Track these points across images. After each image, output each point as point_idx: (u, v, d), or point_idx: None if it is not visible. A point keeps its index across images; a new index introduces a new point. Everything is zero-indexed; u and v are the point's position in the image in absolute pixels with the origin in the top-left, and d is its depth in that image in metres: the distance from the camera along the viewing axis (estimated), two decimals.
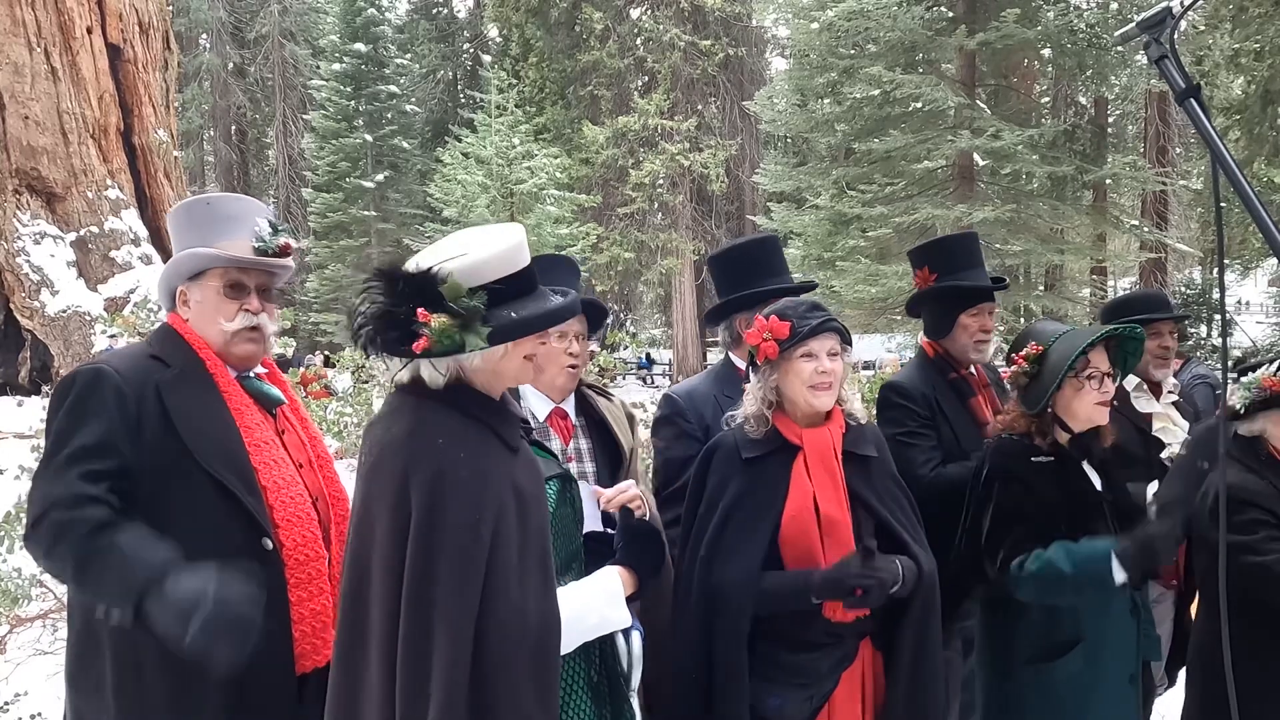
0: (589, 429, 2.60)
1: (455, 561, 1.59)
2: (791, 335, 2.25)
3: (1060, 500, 2.49)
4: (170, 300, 2.24)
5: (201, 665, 1.86)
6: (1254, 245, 17.69)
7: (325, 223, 29.55)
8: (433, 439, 1.67)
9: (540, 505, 1.73)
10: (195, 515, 1.98)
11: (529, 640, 1.61)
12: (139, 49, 19.37)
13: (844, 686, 2.25)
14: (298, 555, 2.08)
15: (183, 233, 2.21)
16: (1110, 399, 2.52)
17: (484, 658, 1.58)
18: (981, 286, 3.09)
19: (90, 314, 17.02)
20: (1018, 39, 15.17)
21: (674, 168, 26.22)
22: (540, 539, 1.69)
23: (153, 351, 2.12)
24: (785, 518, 2.23)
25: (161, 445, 1.99)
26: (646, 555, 1.86)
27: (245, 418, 2.11)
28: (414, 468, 1.64)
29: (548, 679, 1.63)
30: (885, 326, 19.07)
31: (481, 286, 1.66)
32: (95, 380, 2.00)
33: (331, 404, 11.20)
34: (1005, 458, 2.58)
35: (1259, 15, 11.55)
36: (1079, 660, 2.44)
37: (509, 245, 1.74)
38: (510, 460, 1.74)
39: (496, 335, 1.66)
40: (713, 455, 2.38)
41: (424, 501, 1.62)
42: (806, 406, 2.29)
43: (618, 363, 10.09)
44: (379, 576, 1.65)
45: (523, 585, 1.63)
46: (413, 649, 1.58)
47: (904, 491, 2.43)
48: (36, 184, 17.65)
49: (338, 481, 2.29)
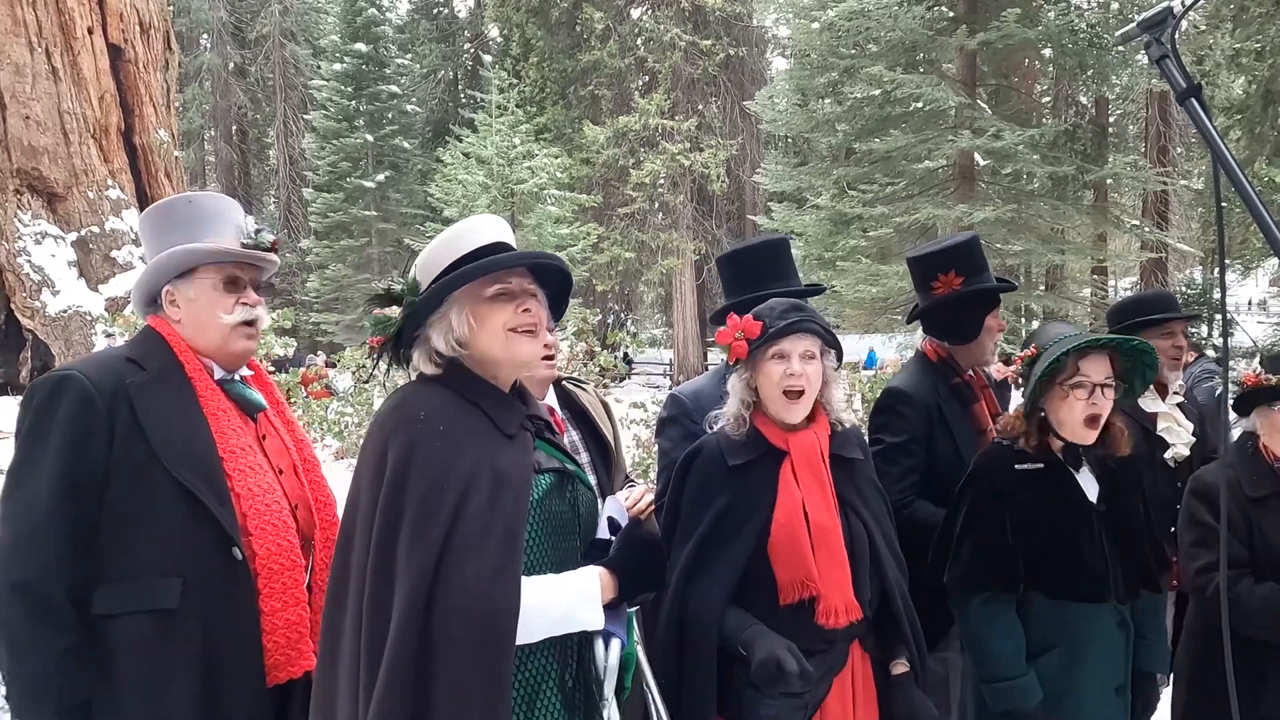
0: (575, 421, 2.63)
1: (412, 525, 1.63)
2: (762, 334, 2.21)
3: (1042, 509, 2.44)
4: (150, 303, 2.18)
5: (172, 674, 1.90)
6: (1255, 245, 17.66)
7: (326, 223, 29.56)
8: (414, 413, 1.74)
9: (520, 492, 1.71)
10: (161, 523, 1.94)
11: (478, 614, 1.59)
12: (140, 49, 19.37)
13: (835, 691, 2.22)
14: (271, 565, 2.03)
15: (163, 232, 2.16)
16: (1100, 412, 2.44)
17: (432, 626, 1.59)
18: (1008, 285, 3.10)
19: (91, 314, 17.03)
20: (1018, 39, 15.16)
21: (674, 168, 26.21)
22: (510, 522, 1.68)
23: (129, 354, 2.08)
24: (775, 525, 2.18)
25: (129, 451, 1.95)
26: (639, 565, 1.83)
27: (222, 423, 2.07)
28: (393, 436, 1.71)
29: (496, 660, 1.60)
30: (885, 326, 19.08)
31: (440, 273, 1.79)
32: (59, 389, 1.96)
33: (332, 404, 11.26)
34: (986, 464, 2.56)
35: (1260, 15, 11.54)
36: (1054, 664, 2.43)
37: (457, 229, 1.84)
38: (499, 443, 1.75)
39: (418, 303, 1.77)
40: (693, 461, 2.32)
41: (395, 467, 1.68)
42: (779, 414, 2.24)
43: (618, 362, 10.08)
44: (359, 541, 1.70)
45: (480, 562, 1.62)
46: (373, 610, 1.63)
47: (881, 494, 2.42)
48: (37, 184, 17.65)
49: (325, 487, 2.25)
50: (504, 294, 1.79)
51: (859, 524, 2.26)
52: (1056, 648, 2.44)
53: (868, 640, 2.30)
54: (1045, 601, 2.45)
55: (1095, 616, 2.44)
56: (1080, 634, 2.44)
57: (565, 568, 1.80)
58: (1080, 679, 2.44)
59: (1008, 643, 2.43)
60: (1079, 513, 2.46)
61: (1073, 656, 2.44)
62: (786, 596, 2.16)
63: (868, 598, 2.24)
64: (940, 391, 2.99)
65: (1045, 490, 2.46)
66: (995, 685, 2.43)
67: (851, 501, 2.28)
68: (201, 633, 1.94)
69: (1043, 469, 2.48)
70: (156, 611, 1.92)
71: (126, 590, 1.93)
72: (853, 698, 2.25)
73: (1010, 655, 2.42)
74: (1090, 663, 2.44)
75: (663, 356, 32.06)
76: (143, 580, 1.93)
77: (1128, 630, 2.49)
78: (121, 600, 1.93)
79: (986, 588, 2.45)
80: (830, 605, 2.15)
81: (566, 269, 1.92)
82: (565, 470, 1.88)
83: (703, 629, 2.17)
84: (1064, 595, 2.43)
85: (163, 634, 1.92)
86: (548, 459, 1.86)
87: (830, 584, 2.16)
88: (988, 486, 2.51)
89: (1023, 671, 2.41)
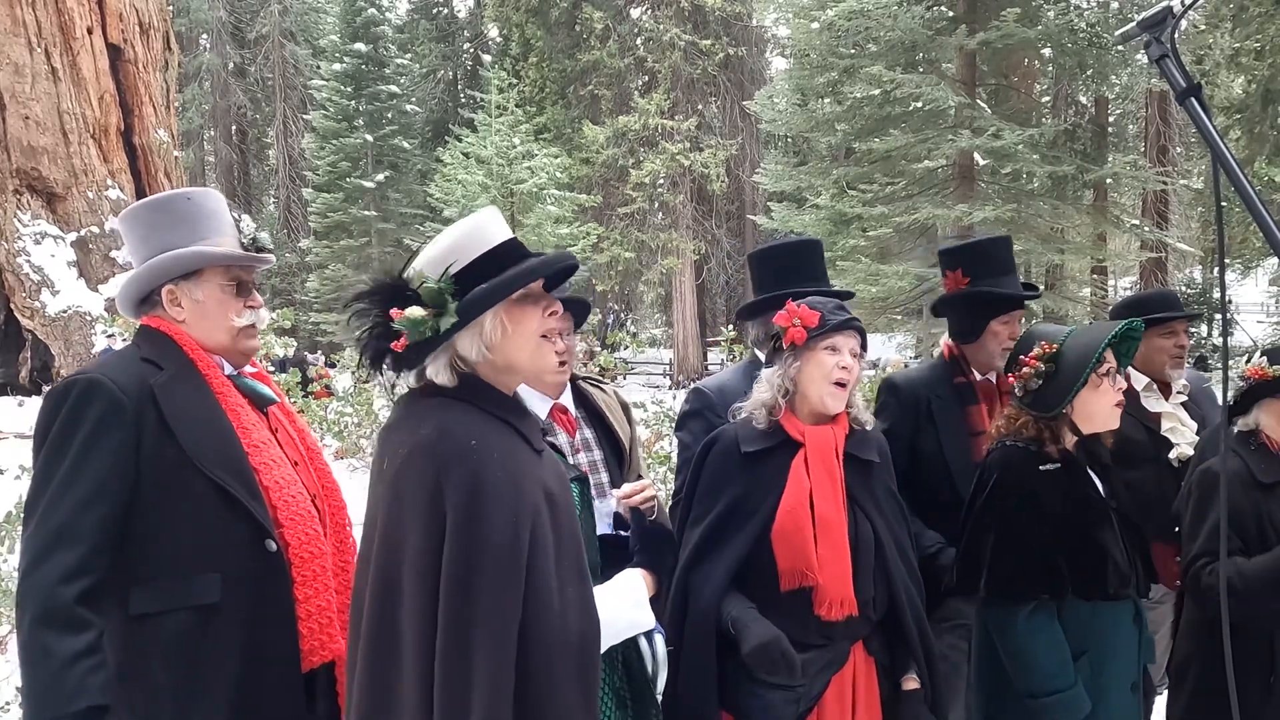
0: (589, 420, 2.62)
1: (495, 572, 1.54)
2: (821, 325, 2.27)
3: (1069, 509, 2.39)
4: (143, 303, 2.16)
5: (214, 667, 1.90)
6: (1254, 244, 17.67)
7: (325, 223, 29.54)
8: (464, 441, 1.61)
9: (570, 508, 1.71)
10: (198, 522, 1.97)
11: (571, 648, 1.58)
12: (139, 49, 19.38)
13: (833, 690, 2.23)
14: (302, 554, 2.07)
15: (161, 229, 2.13)
16: (1122, 399, 2.46)
17: (529, 668, 1.54)
18: (1016, 295, 2.99)
19: (91, 314, 17.04)
20: (1018, 38, 15.15)
21: (674, 167, 26.20)
22: (574, 543, 1.67)
23: (144, 355, 2.07)
24: (780, 512, 2.22)
25: (160, 453, 1.96)
26: (663, 558, 1.86)
27: (241, 418, 2.09)
28: (447, 472, 1.58)
29: (591, 685, 1.61)
30: (885, 326, 19.05)
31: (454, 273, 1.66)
32: (89, 393, 1.95)
33: (332, 404, 11.26)
34: (1010, 469, 2.43)
35: (1259, 14, 11.54)
36: (1085, 669, 2.37)
37: (470, 225, 1.73)
38: (538, 463, 1.70)
39: (468, 308, 1.63)
40: (710, 449, 2.37)
41: (460, 508, 1.56)
42: (819, 404, 2.29)
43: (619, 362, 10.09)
44: (411, 586, 1.57)
45: (562, 592, 1.60)
46: (453, 664, 1.52)
47: (899, 504, 2.42)
48: (37, 184, 17.67)
49: (330, 474, 2.29)
50: (531, 295, 1.73)
51: (866, 523, 2.28)
52: (1087, 653, 2.37)
53: (872, 644, 2.30)
54: (1079, 604, 2.38)
55: (1119, 614, 2.42)
56: (1108, 634, 2.40)
57: (591, 569, 1.81)
58: (1108, 680, 2.40)
59: (1056, 655, 2.33)
60: (1100, 510, 2.43)
61: (1102, 658, 2.40)
62: (786, 583, 2.20)
63: (869, 596, 2.25)
64: (937, 388, 2.99)
65: (1068, 490, 2.40)
66: (1045, 700, 2.32)
67: (861, 500, 2.30)
68: (241, 625, 1.97)
69: (1062, 469, 2.42)
70: (198, 607, 1.95)
71: (164, 588, 1.94)
72: (852, 700, 2.25)
73: (1060, 667, 2.32)
74: (1113, 662, 2.41)
75: (663, 356, 32.05)
76: (181, 578, 1.95)
77: (1142, 625, 2.48)
78: (160, 599, 1.94)
79: (1033, 597, 2.35)
80: (827, 596, 2.18)
81: (575, 262, 1.86)
82: (583, 476, 1.92)
83: (703, 609, 2.20)
84: (1097, 595, 2.37)
85: (204, 628, 1.95)
86: (566, 468, 1.87)
87: (829, 576, 2.18)
88: (1019, 492, 2.39)
89: (1072, 682, 2.31)
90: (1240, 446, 2.70)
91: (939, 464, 2.89)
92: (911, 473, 2.88)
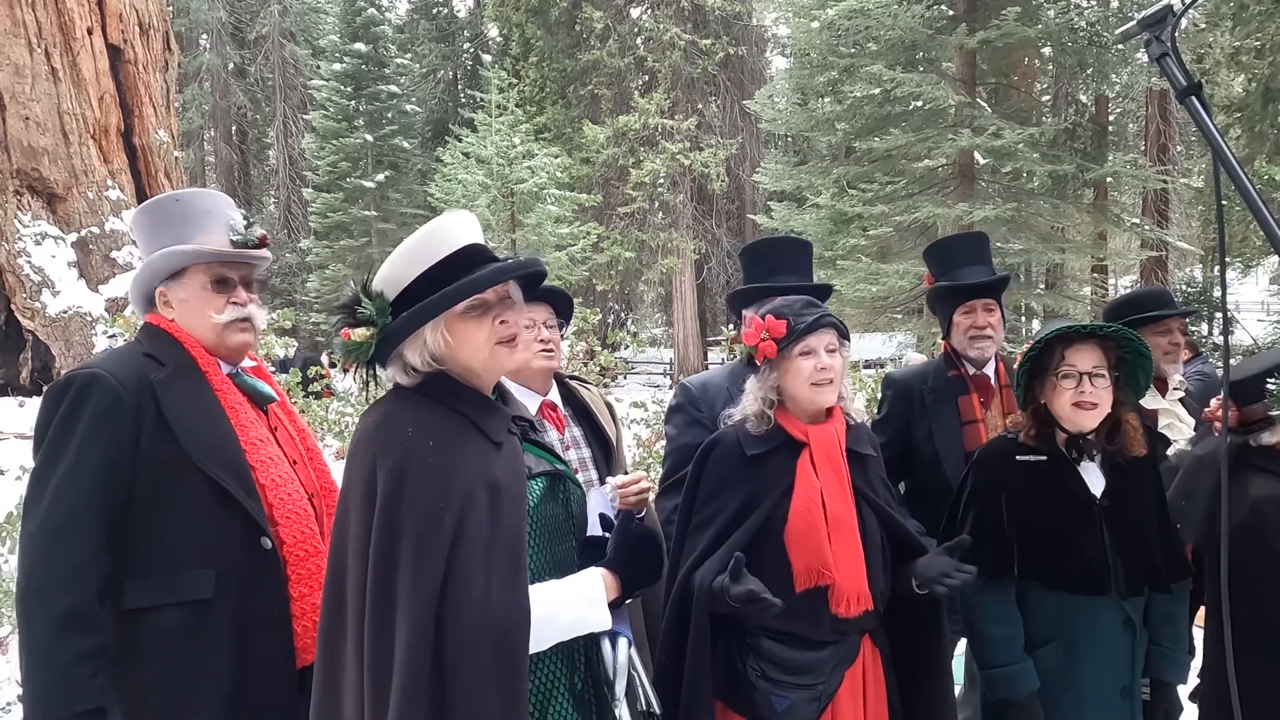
0: (576, 417, 2.69)
1: (413, 549, 1.58)
2: (789, 333, 2.26)
3: (1042, 500, 2.47)
4: (147, 304, 2.21)
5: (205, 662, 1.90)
6: (1255, 243, 17.64)
7: (326, 223, 29.52)
8: (401, 429, 1.67)
9: (517, 502, 1.69)
10: (192, 518, 1.98)
11: (491, 635, 1.57)
12: (139, 49, 19.37)
13: (847, 684, 2.25)
14: (297, 552, 2.08)
15: (154, 233, 2.18)
16: (1091, 400, 2.43)
17: (444, 651, 1.55)
18: (962, 285, 3.14)
19: (91, 315, 17.04)
20: (1018, 37, 15.14)
21: (674, 167, 26.19)
22: (513, 534, 1.66)
23: (145, 350, 2.10)
24: (793, 513, 2.22)
25: (157, 448, 1.98)
26: (638, 560, 1.82)
27: (240, 416, 2.11)
28: (381, 457, 1.65)
29: (513, 676, 1.58)
30: (886, 326, 19.06)
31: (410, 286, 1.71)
32: (88, 387, 1.97)
33: (332, 404, 11.25)
34: (988, 453, 2.62)
35: (1259, 13, 11.54)
36: (1051, 658, 2.45)
37: (427, 232, 1.76)
38: (489, 453, 1.71)
39: (389, 337, 1.70)
40: (711, 452, 2.37)
41: (387, 489, 1.62)
42: (809, 404, 2.30)
43: (619, 362, 10.08)
44: (354, 567, 1.65)
45: (488, 579, 1.59)
46: (376, 639, 1.58)
47: (893, 493, 2.50)
48: (37, 184, 17.65)
49: (329, 475, 2.30)
50: (478, 306, 1.74)
51: (874, 517, 2.31)
52: (1054, 641, 2.46)
53: (878, 635, 2.34)
54: (1042, 592, 2.48)
55: (1095, 612, 2.43)
56: (1079, 629, 2.44)
57: (564, 571, 1.79)
58: (1081, 677, 2.43)
59: (1002, 629, 2.46)
60: (1080, 506, 2.47)
61: (1072, 652, 2.44)
62: (802, 583, 2.20)
63: (880, 589, 2.28)
64: (930, 380, 3.19)
65: (1046, 482, 2.49)
66: (990, 671, 2.46)
67: (866, 495, 2.32)
68: (233, 621, 1.99)
69: (1046, 461, 2.51)
70: (190, 603, 1.96)
71: (158, 583, 1.96)
72: (863, 691, 2.28)
73: (1005, 641, 2.45)
74: (1090, 660, 2.44)
75: (663, 356, 32.04)
76: (175, 573, 1.96)
77: (1134, 630, 2.47)
78: (154, 593, 1.96)
79: (981, 574, 2.42)
80: (844, 593, 2.19)
81: (540, 269, 1.85)
82: (556, 472, 1.87)
83: (700, 600, 2.20)
84: (1061, 586, 2.45)
85: (196, 624, 1.96)
86: (537, 462, 1.84)
87: (845, 573, 2.20)
88: (986, 474, 2.57)
89: (1018, 659, 2.43)
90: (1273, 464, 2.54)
91: (930, 448, 3.09)
92: (906, 461, 3.14)
